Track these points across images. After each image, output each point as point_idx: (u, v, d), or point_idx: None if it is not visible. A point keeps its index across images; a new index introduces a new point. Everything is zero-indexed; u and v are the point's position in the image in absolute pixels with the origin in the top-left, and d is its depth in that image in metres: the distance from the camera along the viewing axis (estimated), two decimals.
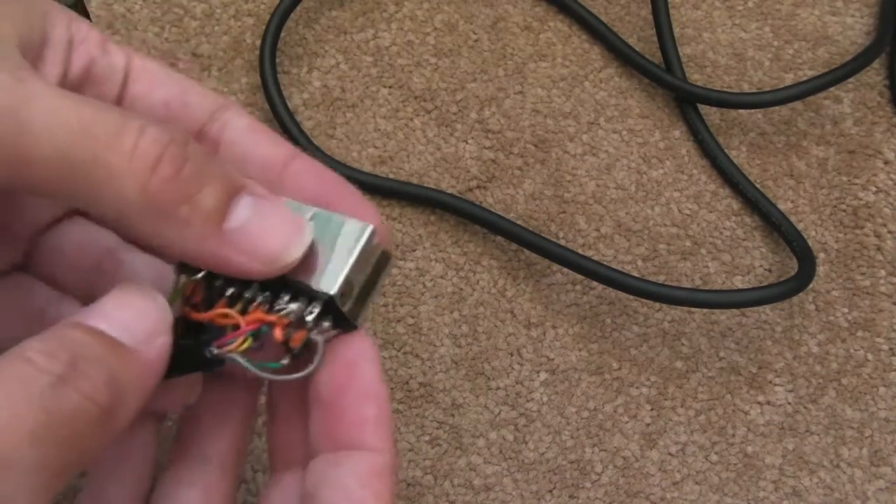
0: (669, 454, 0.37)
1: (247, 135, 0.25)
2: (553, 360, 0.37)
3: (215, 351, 0.22)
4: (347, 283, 0.22)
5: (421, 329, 0.37)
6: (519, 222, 0.39)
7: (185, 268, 0.22)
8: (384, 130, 0.40)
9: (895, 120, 0.43)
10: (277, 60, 0.40)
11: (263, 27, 0.40)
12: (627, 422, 0.37)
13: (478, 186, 0.40)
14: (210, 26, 0.41)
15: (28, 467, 0.17)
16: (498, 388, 0.37)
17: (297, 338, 0.22)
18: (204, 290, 0.22)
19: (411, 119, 0.41)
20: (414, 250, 0.38)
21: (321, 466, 0.22)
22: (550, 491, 0.36)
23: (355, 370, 0.22)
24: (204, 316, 0.22)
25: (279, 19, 0.40)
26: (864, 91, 0.43)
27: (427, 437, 0.36)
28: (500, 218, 0.38)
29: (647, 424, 0.37)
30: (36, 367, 0.18)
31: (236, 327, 0.22)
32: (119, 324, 0.20)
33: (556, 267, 0.39)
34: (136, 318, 0.20)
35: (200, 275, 0.22)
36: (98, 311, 0.20)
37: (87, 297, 0.25)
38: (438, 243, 0.39)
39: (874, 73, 0.44)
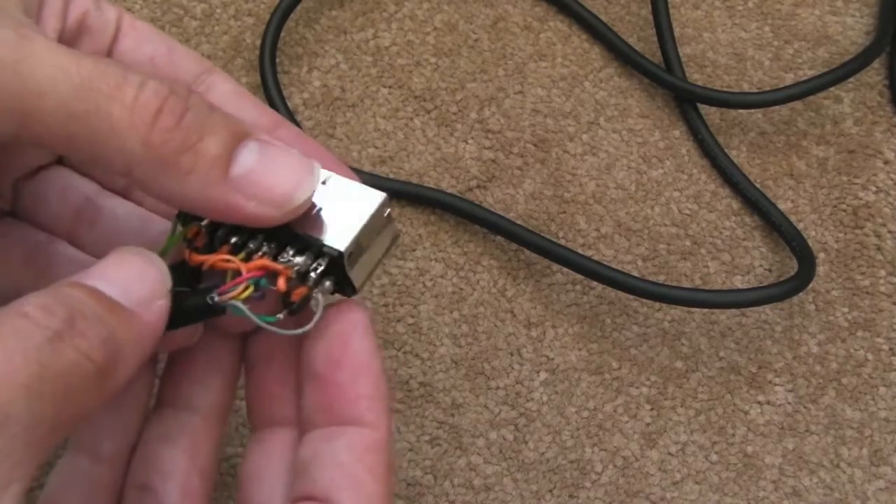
0: (669, 454, 0.37)
1: (232, 99, 0.25)
2: (553, 359, 0.37)
3: (216, 298, 0.22)
4: (357, 243, 0.22)
5: (421, 329, 0.37)
6: (519, 222, 0.39)
7: (186, 217, 0.22)
8: (384, 130, 0.40)
9: (895, 120, 0.43)
10: (277, 60, 0.40)
11: (263, 27, 0.40)
12: (627, 422, 0.37)
13: (478, 186, 0.40)
14: (210, 26, 0.41)
15: (22, 420, 0.17)
16: (498, 388, 0.37)
17: (299, 293, 0.22)
18: (206, 238, 0.22)
19: (411, 119, 0.41)
20: (414, 250, 0.38)
21: (315, 441, 0.22)
22: (550, 491, 0.36)
23: (349, 344, 0.22)
24: (205, 258, 0.22)
25: (279, 19, 0.40)
26: (864, 91, 0.43)
27: (427, 437, 0.36)
28: (500, 218, 0.38)
29: (647, 424, 0.37)
30: (33, 322, 0.18)
31: (237, 274, 0.22)
32: (118, 285, 0.20)
33: (556, 267, 0.39)
34: (135, 280, 0.21)
35: (205, 221, 0.22)
36: (97, 272, 0.20)
37: (71, 242, 0.26)
38: (438, 243, 0.39)
39: (874, 73, 0.44)
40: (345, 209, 0.22)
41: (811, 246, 0.39)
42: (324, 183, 0.22)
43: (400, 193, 0.39)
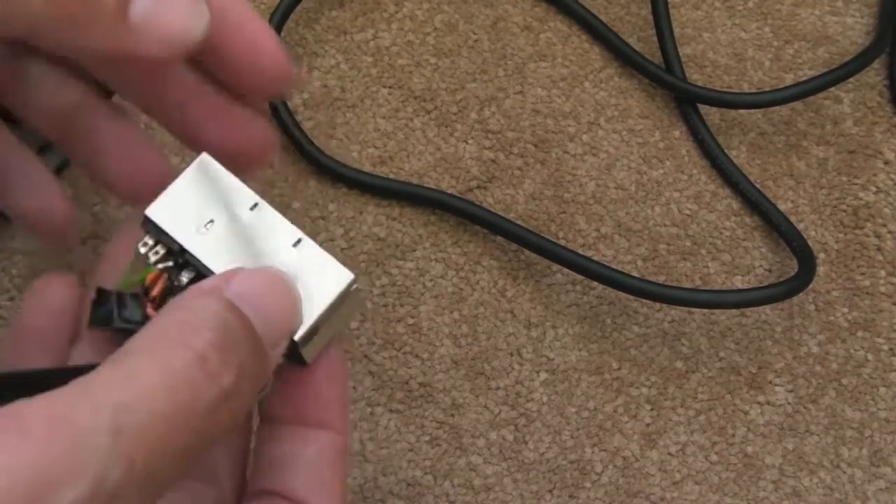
0: (669, 454, 0.37)
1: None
2: (553, 360, 0.37)
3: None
4: (313, 329, 0.22)
5: (421, 329, 0.37)
6: (519, 222, 0.39)
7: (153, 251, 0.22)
8: (384, 130, 0.40)
9: (895, 120, 0.43)
10: None
11: None
12: (627, 422, 0.37)
13: (478, 186, 0.40)
14: None
15: (161, 484, 0.16)
16: (498, 388, 0.37)
17: None
18: (166, 283, 0.22)
19: (411, 119, 0.41)
20: (414, 250, 0.38)
21: (287, 441, 0.22)
22: (550, 491, 0.36)
23: (325, 350, 0.23)
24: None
25: (279, 19, 0.40)
26: (864, 91, 0.43)
27: (427, 437, 0.36)
28: (500, 218, 0.38)
29: (647, 424, 0.37)
30: (207, 373, 0.17)
31: None
32: (262, 316, 0.19)
33: (556, 267, 0.39)
34: (277, 313, 0.20)
35: (164, 265, 0.22)
36: (248, 290, 0.20)
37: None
38: (438, 243, 0.39)
39: (874, 73, 0.44)
40: (308, 285, 0.21)
41: (811, 246, 0.39)
42: (295, 245, 0.22)
43: (400, 193, 0.39)
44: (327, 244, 0.38)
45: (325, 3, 0.42)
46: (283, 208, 0.38)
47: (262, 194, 0.23)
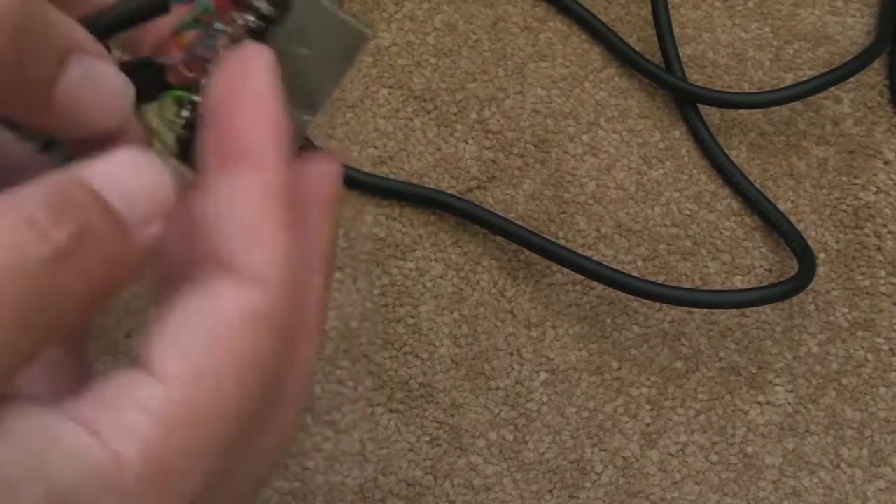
0: (669, 454, 0.37)
1: None
2: (553, 360, 0.37)
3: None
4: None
5: (421, 329, 0.37)
6: (519, 222, 0.39)
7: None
8: (384, 130, 0.40)
9: (895, 120, 0.43)
10: None
11: None
12: (627, 422, 0.37)
13: (478, 186, 0.40)
14: None
15: (6, 346, 0.15)
16: (498, 388, 0.37)
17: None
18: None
19: (411, 119, 0.41)
20: (414, 250, 0.38)
21: (208, 194, 0.19)
22: (550, 491, 0.36)
23: (247, 77, 0.20)
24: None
25: None
26: (864, 91, 0.43)
27: (427, 437, 0.36)
28: (500, 218, 0.38)
29: (647, 424, 0.37)
30: (38, 232, 0.16)
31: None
32: (126, 196, 0.18)
33: (556, 267, 0.39)
34: (143, 193, 0.18)
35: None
36: (109, 173, 0.18)
37: None
38: (438, 243, 0.39)
39: (874, 73, 0.44)
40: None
41: (811, 246, 0.39)
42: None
43: (400, 193, 0.39)
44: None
45: None
46: None
47: None
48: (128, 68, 0.21)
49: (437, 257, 0.38)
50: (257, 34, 0.21)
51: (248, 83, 0.20)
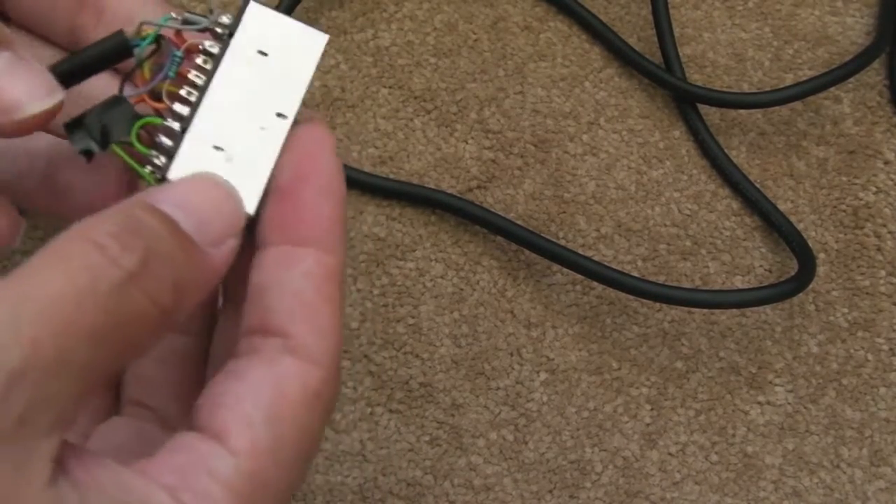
0: (669, 454, 0.37)
1: None
2: (553, 360, 0.37)
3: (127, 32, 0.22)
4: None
5: (421, 329, 0.37)
6: (519, 222, 0.39)
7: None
8: (384, 130, 0.40)
9: (895, 120, 0.43)
10: None
11: None
12: (627, 422, 0.37)
13: (478, 186, 0.40)
14: None
15: (80, 368, 0.16)
16: (498, 388, 0.37)
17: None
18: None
19: (411, 119, 0.41)
20: (414, 250, 0.38)
21: (271, 266, 0.21)
22: (550, 491, 0.36)
23: (317, 160, 0.21)
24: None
25: None
26: (864, 91, 0.43)
27: (427, 437, 0.36)
28: (500, 218, 0.38)
29: (647, 424, 0.37)
30: (107, 257, 0.17)
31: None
32: (195, 218, 0.19)
33: (556, 267, 0.39)
34: (213, 214, 0.19)
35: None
36: (175, 197, 0.19)
37: (72, 38, 0.24)
38: (438, 243, 0.39)
39: (874, 73, 0.44)
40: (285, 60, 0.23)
41: (811, 246, 0.39)
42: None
43: (400, 193, 0.39)
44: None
45: (325, 3, 0.42)
46: None
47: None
48: (97, 109, 0.22)
49: (437, 257, 0.38)
50: (216, 53, 0.22)
51: (318, 166, 0.21)
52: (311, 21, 0.42)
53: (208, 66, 0.22)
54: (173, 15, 0.23)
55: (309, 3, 0.42)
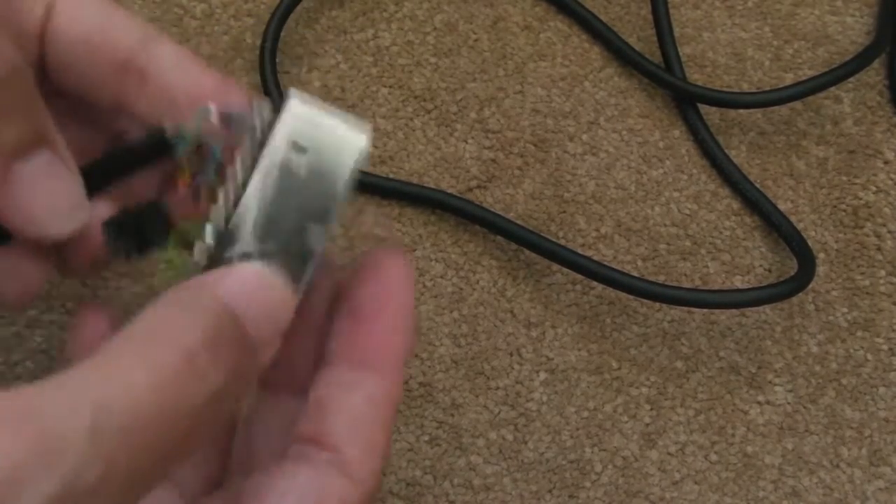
0: (669, 454, 0.37)
1: (174, 62, 0.24)
2: (553, 359, 0.37)
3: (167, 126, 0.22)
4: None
5: (421, 329, 0.37)
6: (519, 222, 0.39)
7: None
8: (384, 130, 0.40)
9: (895, 120, 0.43)
10: (277, 60, 0.40)
11: (263, 27, 0.40)
12: (627, 422, 0.37)
13: (478, 186, 0.40)
14: (210, 26, 0.41)
15: (143, 486, 0.16)
16: (498, 388, 0.37)
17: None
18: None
19: (411, 119, 0.41)
20: (414, 250, 0.38)
21: (333, 384, 0.21)
22: (550, 491, 0.36)
23: (396, 295, 0.22)
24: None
25: (279, 19, 0.40)
26: (864, 91, 0.43)
27: (427, 437, 0.36)
28: (500, 218, 0.38)
29: (647, 424, 0.37)
30: (196, 374, 0.17)
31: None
32: (255, 319, 0.19)
33: (556, 267, 0.39)
34: (269, 316, 0.20)
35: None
36: (243, 294, 0.19)
37: (117, 105, 0.24)
38: (438, 243, 0.39)
39: (874, 73, 0.44)
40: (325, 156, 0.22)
41: (811, 246, 0.39)
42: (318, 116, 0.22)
43: (400, 193, 0.39)
44: (326, 244, 0.38)
45: (325, 3, 0.42)
46: None
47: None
48: (134, 215, 0.22)
49: (437, 257, 0.38)
50: (255, 148, 0.22)
51: (396, 299, 0.22)
52: (310, 21, 0.42)
53: (248, 163, 0.22)
54: (212, 108, 0.22)
55: (309, 4, 0.42)
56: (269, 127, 0.22)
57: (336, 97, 0.41)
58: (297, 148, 0.22)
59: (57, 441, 0.14)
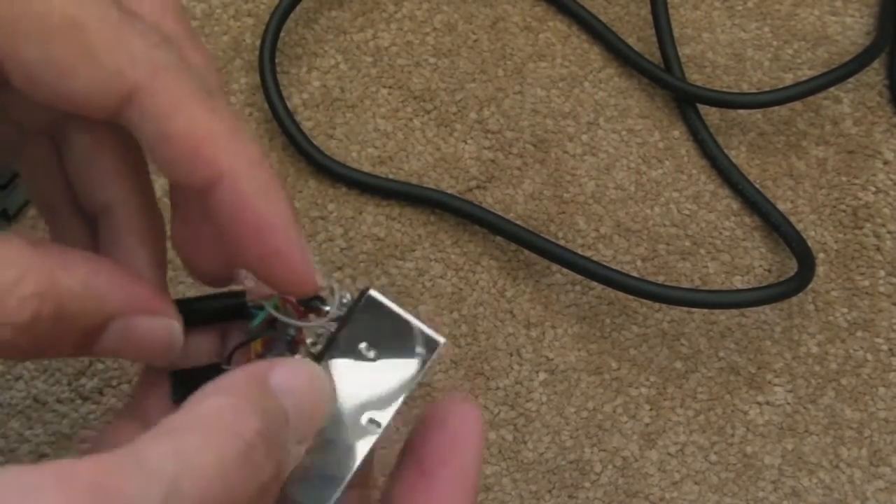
0: (669, 454, 0.37)
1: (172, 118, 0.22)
2: (552, 360, 0.37)
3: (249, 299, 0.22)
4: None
5: None
6: (519, 222, 0.39)
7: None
8: (384, 130, 0.40)
9: (895, 120, 0.43)
10: (277, 60, 0.40)
11: (263, 27, 0.40)
12: (627, 422, 0.37)
13: (477, 186, 0.40)
14: (210, 26, 0.41)
15: None
16: (497, 388, 0.37)
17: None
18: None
19: (411, 119, 0.41)
20: (414, 250, 0.38)
21: None
22: (550, 491, 0.36)
23: (461, 447, 0.22)
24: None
25: (279, 19, 0.40)
26: (863, 91, 0.43)
27: None
28: (500, 218, 0.38)
29: (647, 424, 0.37)
30: (251, 465, 0.17)
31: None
32: (297, 417, 0.19)
33: (555, 267, 0.39)
34: (310, 414, 0.20)
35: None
36: (292, 389, 0.19)
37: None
38: (438, 243, 0.39)
39: (874, 73, 0.44)
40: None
41: (811, 246, 0.39)
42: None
43: (400, 193, 0.39)
44: (327, 244, 0.38)
45: (325, 3, 0.42)
46: None
47: None
48: (200, 372, 0.22)
49: (437, 257, 0.38)
50: (327, 336, 0.22)
51: (462, 454, 0.22)
52: (310, 21, 0.42)
53: (316, 350, 0.22)
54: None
55: (309, 4, 0.42)
56: (347, 314, 0.22)
57: (336, 97, 0.41)
58: (368, 342, 0.22)
59: None
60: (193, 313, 0.23)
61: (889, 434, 0.37)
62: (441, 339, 0.22)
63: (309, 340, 0.22)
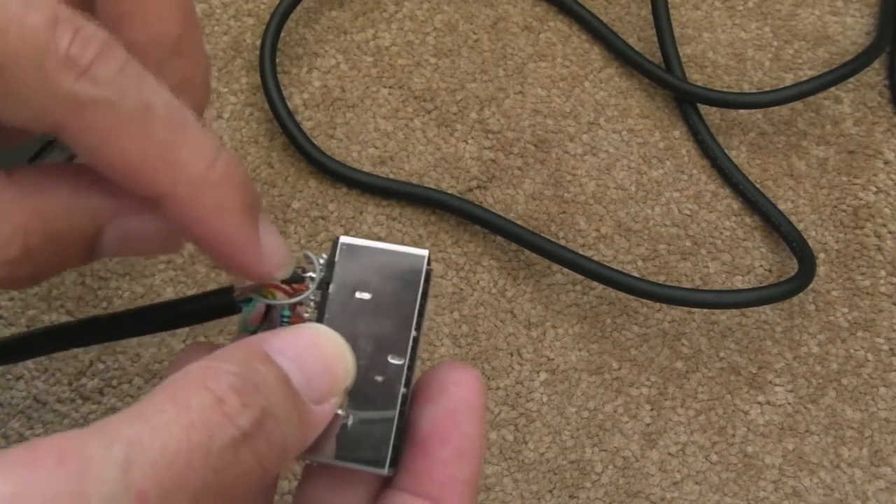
0: (669, 454, 0.37)
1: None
2: (553, 360, 0.37)
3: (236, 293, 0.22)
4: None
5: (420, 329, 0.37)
6: (519, 222, 0.39)
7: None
8: (384, 130, 0.40)
9: (895, 120, 0.43)
10: (277, 60, 0.40)
11: (263, 27, 0.40)
12: (627, 422, 0.37)
13: (478, 186, 0.40)
14: (210, 26, 0.41)
15: None
16: (498, 388, 0.37)
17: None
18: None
19: (411, 119, 0.41)
20: None
21: None
22: (550, 491, 0.36)
23: (459, 422, 0.21)
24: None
25: (279, 19, 0.40)
26: (864, 91, 0.43)
27: None
28: (500, 218, 0.38)
29: (647, 424, 0.37)
30: (225, 414, 0.17)
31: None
32: (306, 375, 0.19)
33: (556, 267, 0.39)
34: (322, 371, 0.20)
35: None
36: (290, 350, 0.19)
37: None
38: (438, 243, 0.39)
39: (874, 73, 0.44)
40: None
41: (811, 246, 0.39)
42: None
43: (400, 193, 0.39)
44: (327, 244, 0.38)
45: (325, 3, 0.42)
46: (283, 208, 0.38)
47: (262, 194, 0.23)
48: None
49: (437, 257, 0.38)
50: (318, 300, 0.22)
51: (460, 429, 0.21)
52: (310, 21, 0.42)
53: (313, 317, 0.22)
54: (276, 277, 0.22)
55: (309, 4, 0.42)
56: (329, 270, 0.22)
57: (336, 97, 0.41)
58: (360, 288, 0.22)
59: (92, 475, 0.15)
60: (182, 315, 0.22)
61: (890, 434, 0.37)
62: (424, 252, 0.22)
63: (306, 315, 0.22)
